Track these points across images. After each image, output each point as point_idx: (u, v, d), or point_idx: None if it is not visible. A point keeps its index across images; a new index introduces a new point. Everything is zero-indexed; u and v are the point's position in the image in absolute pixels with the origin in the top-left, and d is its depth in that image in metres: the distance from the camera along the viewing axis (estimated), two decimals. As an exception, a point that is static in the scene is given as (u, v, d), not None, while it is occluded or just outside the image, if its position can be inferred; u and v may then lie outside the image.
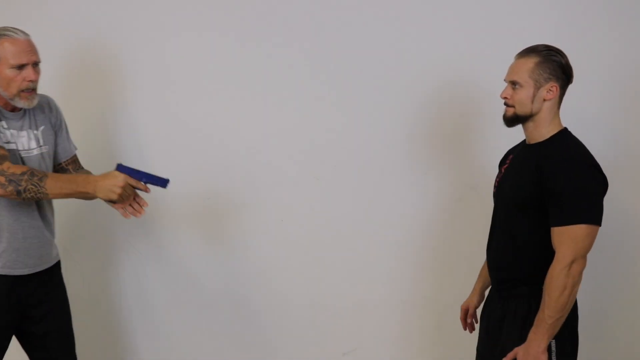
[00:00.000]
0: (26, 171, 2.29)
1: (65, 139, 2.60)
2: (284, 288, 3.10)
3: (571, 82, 2.22)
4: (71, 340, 2.62)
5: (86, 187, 2.32)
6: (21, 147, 2.41)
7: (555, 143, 2.19)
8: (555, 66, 2.16)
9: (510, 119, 2.23)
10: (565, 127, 2.23)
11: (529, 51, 2.19)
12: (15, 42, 2.33)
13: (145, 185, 2.37)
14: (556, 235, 2.10)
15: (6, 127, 2.39)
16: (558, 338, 2.12)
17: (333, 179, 3.04)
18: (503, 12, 2.88)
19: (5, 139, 2.37)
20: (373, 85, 2.98)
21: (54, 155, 2.57)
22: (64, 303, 2.62)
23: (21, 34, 2.35)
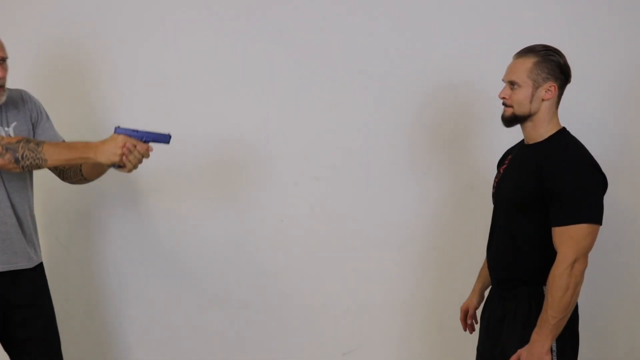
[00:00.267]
0: (21, 139, 2.27)
1: (49, 128, 2.51)
2: (283, 288, 3.10)
3: (569, 82, 2.22)
4: (56, 345, 2.53)
5: (87, 153, 2.28)
6: None
7: (554, 143, 2.18)
8: (553, 66, 2.16)
9: (508, 119, 2.23)
10: (563, 127, 2.23)
11: (527, 51, 2.19)
12: None
13: (147, 144, 2.34)
14: (557, 235, 2.10)
15: None
16: (559, 339, 2.12)
17: (333, 179, 3.04)
18: (503, 13, 2.89)
19: None
20: (373, 85, 2.98)
21: None
22: (48, 307, 2.52)
23: None
